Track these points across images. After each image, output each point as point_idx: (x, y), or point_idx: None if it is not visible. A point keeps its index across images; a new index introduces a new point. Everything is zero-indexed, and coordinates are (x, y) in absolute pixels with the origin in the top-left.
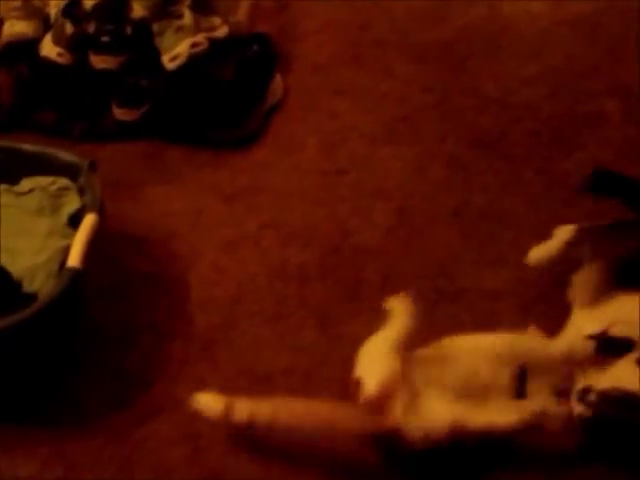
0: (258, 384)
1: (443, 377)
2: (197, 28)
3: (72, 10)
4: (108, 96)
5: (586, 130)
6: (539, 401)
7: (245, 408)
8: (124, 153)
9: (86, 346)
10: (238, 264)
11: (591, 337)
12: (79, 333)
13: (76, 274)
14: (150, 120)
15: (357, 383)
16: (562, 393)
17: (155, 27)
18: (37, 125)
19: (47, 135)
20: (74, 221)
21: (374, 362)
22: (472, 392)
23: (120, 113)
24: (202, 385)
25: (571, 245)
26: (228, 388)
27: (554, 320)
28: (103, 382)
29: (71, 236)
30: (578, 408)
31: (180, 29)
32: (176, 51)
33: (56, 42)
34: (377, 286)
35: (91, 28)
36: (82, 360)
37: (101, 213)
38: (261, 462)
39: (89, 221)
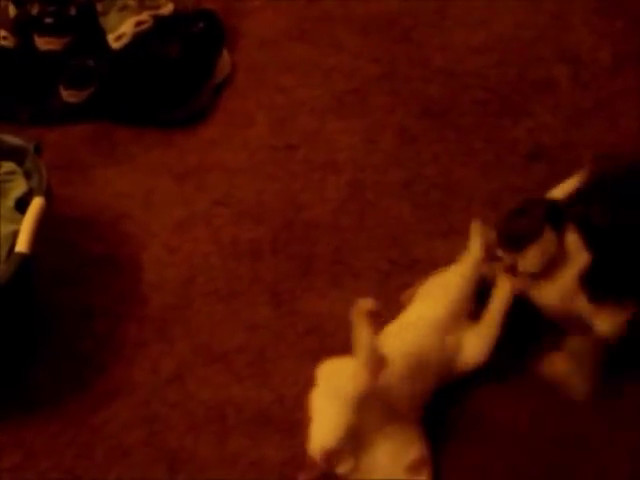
0: (214, 363)
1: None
2: (141, 6)
3: None
4: (54, 78)
5: (535, 97)
6: None
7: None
8: (72, 135)
9: (40, 331)
10: (190, 243)
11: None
12: (32, 318)
13: (25, 259)
14: (98, 101)
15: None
16: None
17: (99, 7)
18: None
19: None
20: (21, 206)
21: (325, 420)
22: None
23: (67, 95)
24: (158, 366)
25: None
26: (184, 368)
27: None
28: (58, 367)
29: (19, 221)
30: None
31: (124, 8)
32: (121, 30)
33: (0, 25)
34: (330, 260)
35: (34, 10)
36: (37, 345)
37: (48, 197)
38: (217, 444)
39: (36, 205)
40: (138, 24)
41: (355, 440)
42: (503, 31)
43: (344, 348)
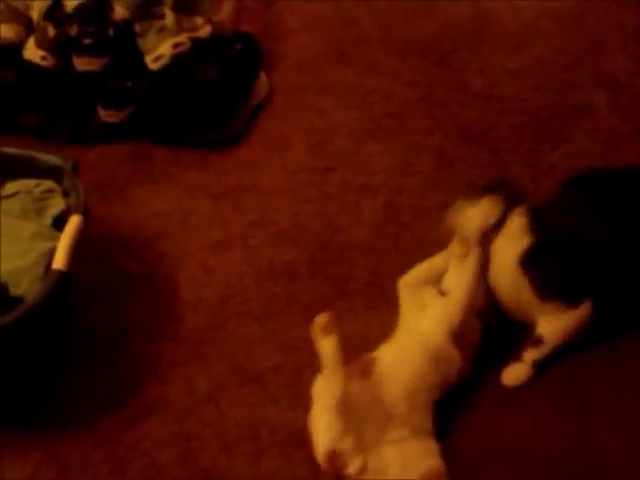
0: (248, 384)
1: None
2: (179, 28)
3: (54, 13)
4: (93, 98)
5: (573, 122)
6: None
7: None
8: (111, 155)
9: (76, 349)
10: (226, 264)
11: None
12: (68, 336)
13: (62, 276)
14: (136, 121)
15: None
16: None
17: (137, 28)
18: (23, 128)
19: (33, 138)
20: (59, 223)
21: (319, 427)
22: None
23: (105, 115)
24: (192, 386)
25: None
26: (218, 388)
27: None
28: (94, 384)
29: (56, 238)
30: None
31: (162, 29)
32: (159, 52)
33: (39, 45)
34: (365, 282)
35: (73, 30)
36: (72, 363)
37: (86, 214)
38: (251, 463)
39: (74, 223)
40: (176, 46)
41: (356, 442)
42: (541, 55)
43: None
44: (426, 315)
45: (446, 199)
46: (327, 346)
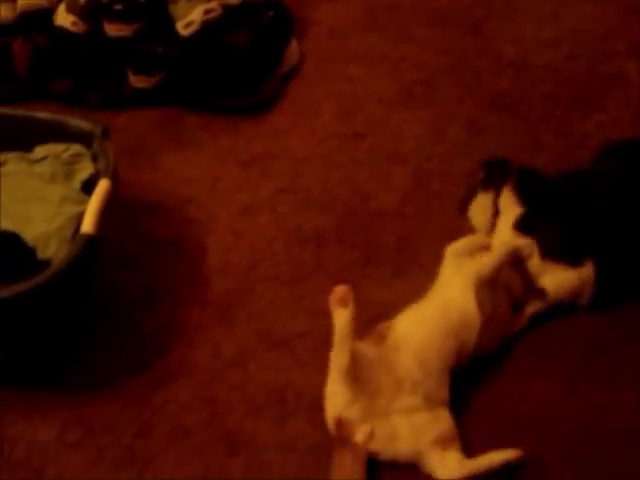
0: (275, 348)
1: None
2: None
3: None
4: (124, 64)
5: (605, 91)
6: None
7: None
8: (141, 120)
9: (104, 312)
10: (255, 229)
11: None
12: (96, 299)
13: (90, 240)
14: (166, 87)
15: None
16: None
17: None
18: (54, 94)
19: (64, 104)
20: (88, 187)
21: (328, 394)
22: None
23: (136, 80)
24: (219, 349)
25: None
26: (245, 351)
27: None
28: (121, 348)
29: (85, 202)
30: None
31: None
32: (190, 18)
33: (70, 11)
34: (394, 249)
35: None
36: (100, 326)
37: (115, 179)
38: (276, 427)
39: (102, 187)
40: (207, 12)
41: (365, 410)
42: (574, 25)
43: None
44: (452, 280)
45: (475, 166)
46: (341, 318)
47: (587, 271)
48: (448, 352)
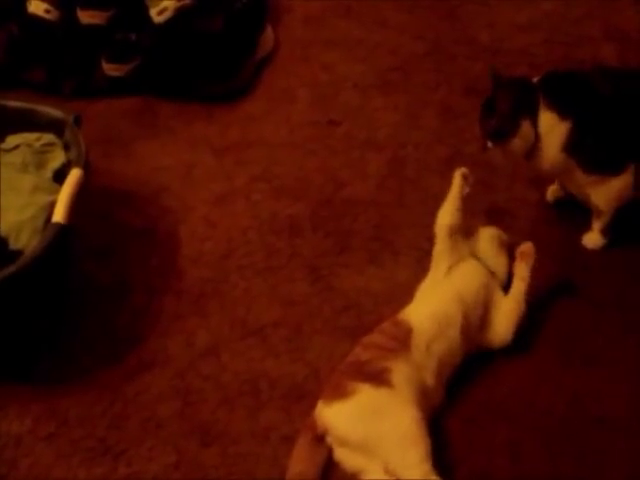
0: (249, 337)
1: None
2: None
3: None
4: (97, 52)
5: None
6: None
7: None
8: (115, 109)
9: (77, 302)
10: (229, 218)
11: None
12: (69, 289)
13: (61, 229)
14: (140, 75)
15: None
16: None
17: None
18: (28, 83)
19: (38, 92)
20: (59, 177)
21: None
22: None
23: (109, 68)
24: (193, 339)
25: None
26: (219, 341)
27: None
28: (94, 338)
29: (56, 192)
30: None
31: None
32: (163, 4)
33: None
34: (369, 237)
35: None
36: (73, 316)
37: (87, 168)
38: (250, 417)
39: (74, 176)
40: None
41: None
42: (550, 9)
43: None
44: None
45: (450, 153)
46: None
47: (628, 175)
48: None
